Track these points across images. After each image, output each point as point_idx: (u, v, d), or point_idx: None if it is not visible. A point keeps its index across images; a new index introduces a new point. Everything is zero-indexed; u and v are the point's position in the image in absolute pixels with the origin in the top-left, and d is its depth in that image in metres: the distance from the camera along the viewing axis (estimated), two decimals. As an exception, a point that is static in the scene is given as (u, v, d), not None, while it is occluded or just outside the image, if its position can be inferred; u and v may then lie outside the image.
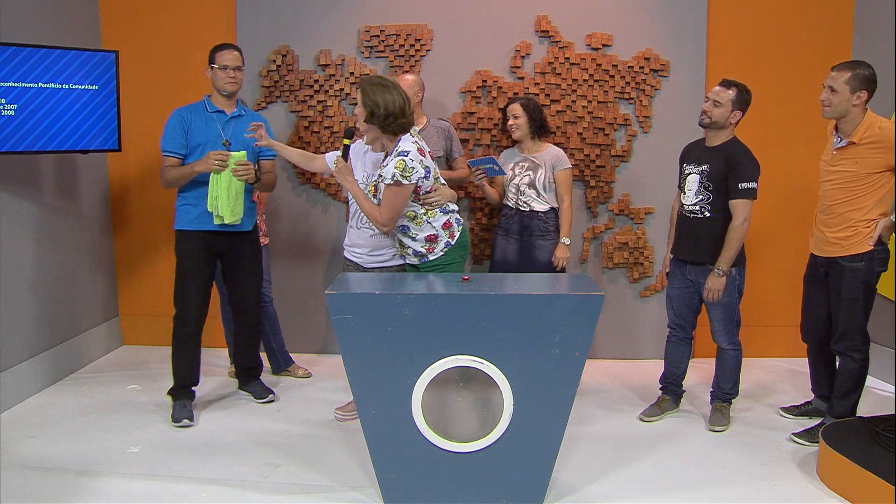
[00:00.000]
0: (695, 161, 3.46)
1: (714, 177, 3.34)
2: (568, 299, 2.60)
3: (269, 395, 3.81)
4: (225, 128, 3.55)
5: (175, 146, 3.48)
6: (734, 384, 3.56)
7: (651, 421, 3.60)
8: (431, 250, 3.16)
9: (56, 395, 3.86)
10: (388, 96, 3.00)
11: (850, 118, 3.17)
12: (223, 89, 3.53)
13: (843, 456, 2.83)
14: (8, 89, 3.44)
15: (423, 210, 3.12)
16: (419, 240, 3.16)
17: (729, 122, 3.35)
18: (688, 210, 3.45)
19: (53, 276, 4.05)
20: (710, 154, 3.40)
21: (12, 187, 3.71)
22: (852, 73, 3.13)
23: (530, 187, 3.85)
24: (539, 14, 4.37)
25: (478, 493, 2.71)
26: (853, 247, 3.23)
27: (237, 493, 2.85)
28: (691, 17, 4.38)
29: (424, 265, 3.20)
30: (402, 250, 3.26)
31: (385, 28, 4.40)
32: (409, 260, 3.26)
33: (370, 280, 2.96)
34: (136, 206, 4.65)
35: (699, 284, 3.46)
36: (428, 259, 3.18)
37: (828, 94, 3.18)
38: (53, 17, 4.04)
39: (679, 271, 3.56)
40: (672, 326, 3.67)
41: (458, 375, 2.64)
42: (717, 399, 3.60)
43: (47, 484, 2.88)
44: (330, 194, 4.55)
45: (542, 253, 3.88)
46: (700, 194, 3.39)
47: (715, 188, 3.35)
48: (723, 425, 3.49)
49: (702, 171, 3.39)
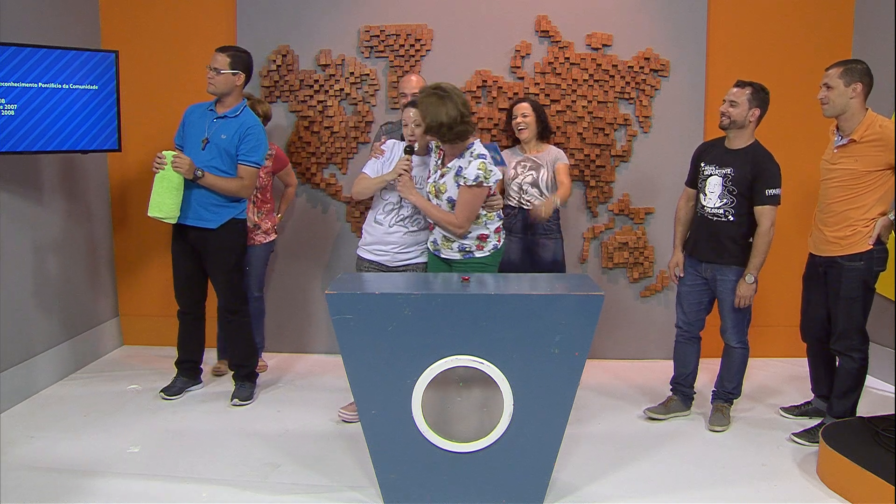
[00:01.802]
0: (716, 163, 3.43)
1: (739, 181, 3.33)
2: (568, 299, 2.60)
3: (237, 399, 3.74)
4: (210, 126, 3.60)
5: (176, 138, 3.73)
6: (738, 384, 3.56)
7: (655, 418, 3.59)
8: (480, 248, 3.25)
9: (56, 395, 3.86)
10: (443, 108, 3.07)
11: (850, 115, 3.19)
12: (207, 89, 3.62)
13: (843, 456, 2.84)
14: (8, 89, 3.44)
15: (484, 212, 3.21)
16: (471, 238, 3.23)
17: (748, 121, 3.35)
18: (710, 213, 3.43)
19: (53, 276, 4.05)
20: (733, 157, 3.38)
21: (12, 187, 3.71)
22: (844, 68, 3.18)
23: (533, 186, 3.86)
24: (539, 14, 4.37)
25: (478, 493, 2.71)
26: (852, 246, 3.23)
27: (237, 493, 2.85)
28: (691, 17, 4.38)
29: (468, 261, 3.25)
30: (446, 244, 3.27)
31: (385, 28, 4.40)
32: (447, 254, 3.28)
33: (370, 280, 2.97)
34: (136, 206, 4.65)
35: (714, 282, 3.46)
36: (473, 256, 3.24)
37: (824, 91, 3.21)
38: (53, 17, 4.04)
39: (693, 269, 3.55)
40: (680, 326, 3.65)
41: (458, 375, 2.64)
42: (719, 399, 3.60)
43: (47, 484, 2.88)
44: (330, 194, 4.55)
45: (545, 251, 3.91)
46: (724, 198, 3.38)
47: (739, 192, 3.34)
48: (723, 425, 3.49)
49: (725, 175, 3.37)
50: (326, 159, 4.53)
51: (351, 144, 4.50)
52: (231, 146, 3.57)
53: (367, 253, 3.49)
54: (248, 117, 3.64)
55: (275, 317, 4.60)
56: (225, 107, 3.62)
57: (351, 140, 4.49)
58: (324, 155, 4.52)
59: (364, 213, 4.53)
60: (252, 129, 3.60)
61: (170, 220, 3.53)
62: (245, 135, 3.58)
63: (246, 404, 3.75)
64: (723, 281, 3.43)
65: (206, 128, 3.60)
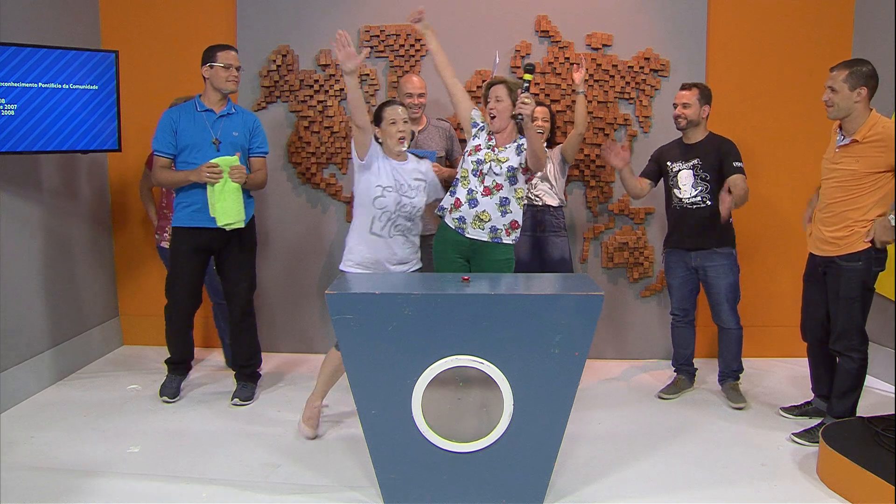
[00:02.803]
0: (681, 158, 3.76)
1: (710, 167, 3.67)
2: (568, 299, 2.60)
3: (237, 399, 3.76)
4: (214, 126, 3.58)
5: (165, 146, 3.57)
6: (740, 361, 3.85)
7: (666, 398, 3.86)
8: (508, 234, 3.33)
9: (56, 395, 3.86)
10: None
11: (854, 116, 3.19)
12: (224, 88, 3.58)
13: (843, 456, 2.83)
14: (8, 89, 3.44)
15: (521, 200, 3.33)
16: (506, 219, 3.29)
17: (702, 118, 3.72)
18: (689, 203, 3.73)
19: (53, 276, 4.05)
20: (696, 150, 3.73)
21: (12, 187, 3.71)
22: (849, 71, 3.17)
23: (543, 180, 3.94)
24: (539, 14, 4.38)
25: (478, 493, 2.71)
26: (850, 246, 3.23)
27: (237, 493, 2.85)
28: (691, 17, 4.38)
29: (494, 244, 3.31)
30: (478, 223, 3.31)
31: (385, 28, 4.40)
32: (473, 233, 3.32)
33: (370, 280, 2.96)
34: (136, 206, 4.65)
35: (701, 268, 3.76)
36: (501, 240, 3.31)
37: (829, 94, 3.22)
38: (53, 17, 4.04)
39: (681, 260, 3.82)
40: (675, 313, 3.94)
41: (458, 375, 2.64)
42: (728, 378, 3.86)
43: (47, 484, 2.88)
44: (330, 194, 4.55)
45: (554, 249, 3.95)
46: (698, 186, 3.70)
47: (712, 178, 3.67)
48: (743, 401, 3.75)
49: (693, 166, 3.71)
50: (326, 159, 4.53)
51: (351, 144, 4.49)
52: (245, 141, 3.66)
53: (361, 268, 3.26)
54: (248, 112, 3.77)
55: (275, 317, 4.61)
56: (223, 104, 3.62)
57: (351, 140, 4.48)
58: (324, 155, 4.52)
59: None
60: (258, 121, 3.74)
61: (239, 224, 3.56)
62: (255, 128, 3.70)
63: (247, 404, 3.75)
64: (713, 267, 3.73)
65: (210, 128, 3.58)
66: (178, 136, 3.55)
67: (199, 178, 3.46)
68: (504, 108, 3.34)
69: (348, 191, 4.55)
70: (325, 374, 3.35)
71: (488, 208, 3.29)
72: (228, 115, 3.62)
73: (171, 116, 3.56)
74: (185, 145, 3.56)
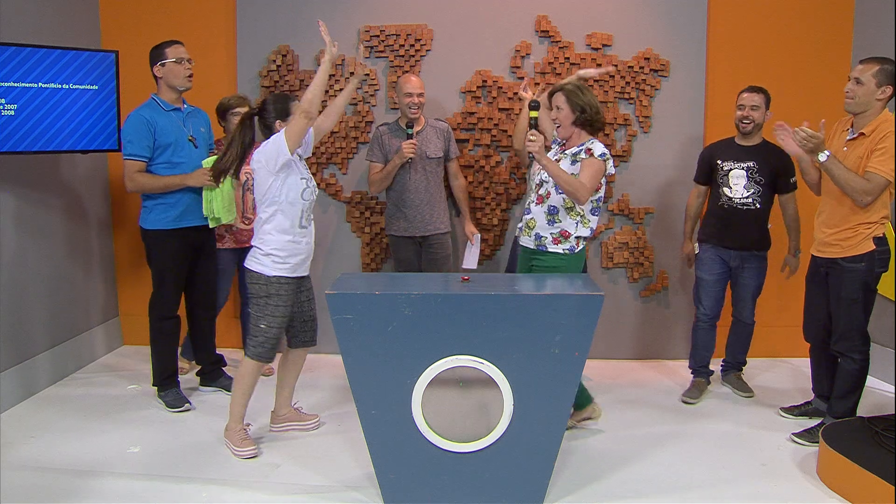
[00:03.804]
0: (734, 158, 3.79)
1: (766, 172, 3.72)
2: (568, 299, 2.60)
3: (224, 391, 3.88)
4: (186, 124, 3.60)
5: (143, 149, 3.46)
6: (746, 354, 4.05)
7: (693, 402, 3.84)
8: (557, 242, 3.25)
9: (56, 395, 3.86)
10: (590, 97, 3.19)
11: (870, 113, 3.14)
12: (182, 84, 3.56)
13: (843, 456, 2.83)
14: (8, 89, 3.44)
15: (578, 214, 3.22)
16: (554, 228, 3.25)
17: (764, 121, 3.77)
18: (739, 203, 3.76)
19: (53, 276, 4.05)
20: (752, 153, 3.77)
21: (12, 187, 3.71)
22: (880, 67, 3.10)
23: None
24: (539, 14, 4.37)
25: (478, 493, 2.71)
26: (852, 248, 3.21)
27: (237, 493, 2.86)
28: (691, 17, 4.38)
29: (539, 252, 3.28)
30: (527, 230, 3.30)
31: (385, 28, 4.40)
32: (524, 241, 3.32)
33: (370, 280, 2.97)
34: (136, 206, 4.61)
35: (739, 269, 3.83)
36: (546, 248, 3.26)
37: (853, 85, 3.15)
38: (53, 17, 4.04)
39: (719, 257, 3.86)
40: (705, 313, 3.92)
41: (458, 375, 2.64)
42: (733, 369, 4.04)
43: (47, 484, 2.88)
44: (330, 194, 4.55)
45: None
46: (751, 188, 3.74)
47: (766, 182, 3.73)
48: (751, 391, 3.92)
49: (748, 168, 3.74)
50: (326, 159, 4.53)
51: (351, 144, 4.50)
52: (209, 136, 3.73)
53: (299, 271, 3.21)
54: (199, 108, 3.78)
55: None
56: (180, 102, 3.63)
57: (351, 140, 4.49)
58: (324, 155, 4.52)
59: (365, 213, 4.54)
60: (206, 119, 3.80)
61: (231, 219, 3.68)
62: (208, 123, 3.76)
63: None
64: (749, 268, 3.82)
65: (182, 127, 3.58)
66: (158, 137, 3.48)
67: (199, 183, 3.47)
68: (564, 117, 3.22)
69: (348, 191, 4.56)
70: (240, 394, 3.20)
71: (537, 216, 3.27)
72: (190, 113, 3.65)
73: (142, 118, 3.45)
74: (167, 144, 3.50)
